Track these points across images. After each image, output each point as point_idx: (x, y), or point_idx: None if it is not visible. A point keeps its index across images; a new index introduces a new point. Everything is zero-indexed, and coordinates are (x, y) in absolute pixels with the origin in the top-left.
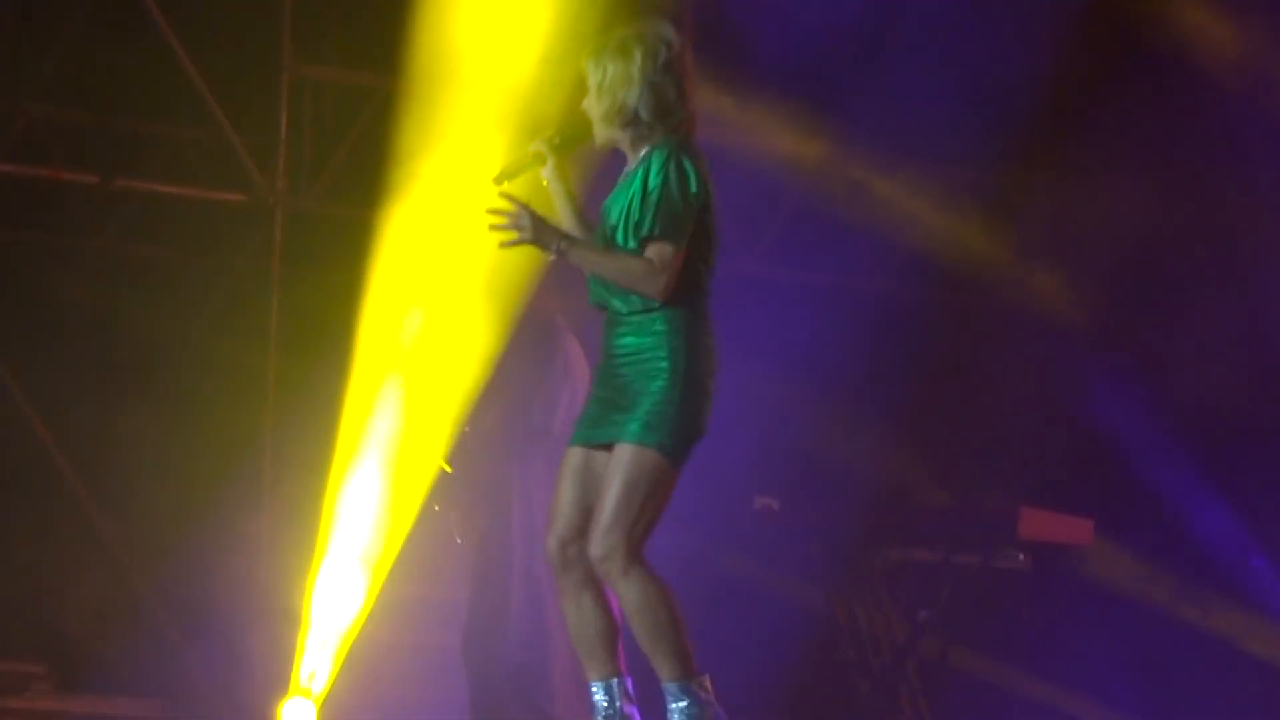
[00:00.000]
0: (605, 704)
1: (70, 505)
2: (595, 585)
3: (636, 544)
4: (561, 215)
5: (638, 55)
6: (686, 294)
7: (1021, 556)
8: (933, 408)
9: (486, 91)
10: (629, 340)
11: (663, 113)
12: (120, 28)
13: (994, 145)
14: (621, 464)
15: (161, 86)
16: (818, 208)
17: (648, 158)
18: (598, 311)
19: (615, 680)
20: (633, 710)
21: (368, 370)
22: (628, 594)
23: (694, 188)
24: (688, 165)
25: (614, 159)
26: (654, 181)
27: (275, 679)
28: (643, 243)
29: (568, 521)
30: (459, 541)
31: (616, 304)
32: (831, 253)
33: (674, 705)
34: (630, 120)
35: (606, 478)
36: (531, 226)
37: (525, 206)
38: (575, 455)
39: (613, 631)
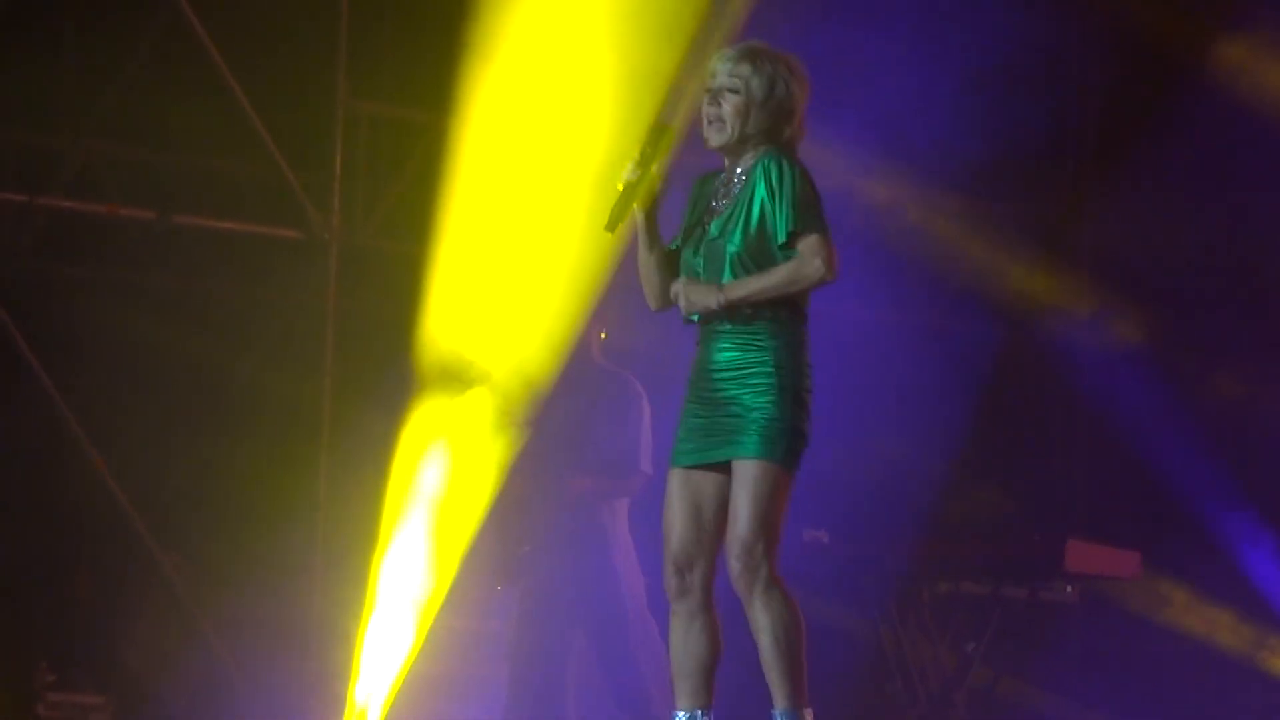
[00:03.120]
0: None
1: (129, 539)
2: (707, 613)
3: (775, 559)
4: (643, 235)
5: (804, 86)
6: (789, 308)
7: (1069, 589)
8: (983, 440)
9: (539, 128)
10: (732, 355)
11: (792, 138)
12: (178, 65)
13: (1045, 180)
14: (749, 479)
15: (218, 123)
16: (876, 244)
17: (754, 167)
18: (689, 324)
19: (702, 711)
20: None
21: (423, 404)
22: (768, 609)
23: (813, 185)
24: (801, 167)
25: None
26: (779, 183)
27: (331, 711)
28: (791, 238)
29: (682, 547)
30: (499, 588)
31: (724, 318)
32: (886, 287)
33: None
34: (769, 136)
35: (736, 495)
36: (685, 296)
37: (676, 282)
38: (679, 479)
39: (714, 662)
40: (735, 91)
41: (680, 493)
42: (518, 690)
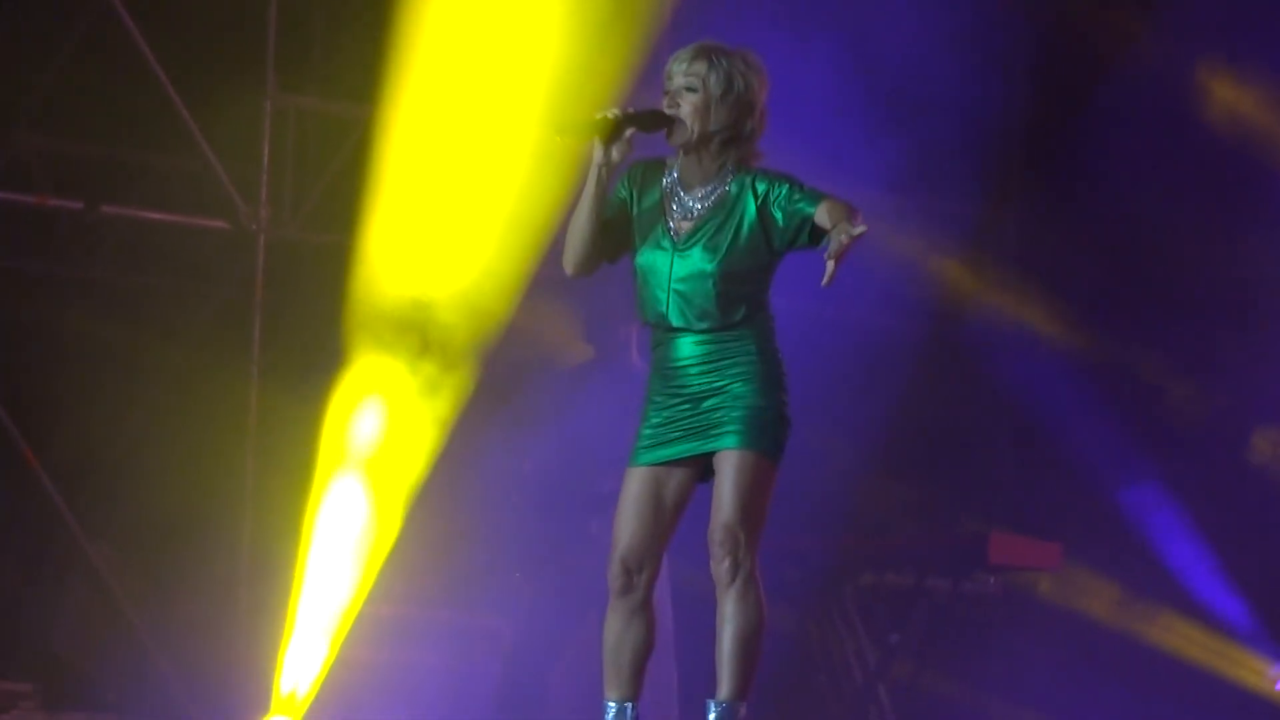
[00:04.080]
0: None
1: (57, 528)
2: (646, 610)
3: (757, 553)
4: (593, 188)
5: (761, 78)
6: (764, 307)
7: (991, 580)
8: (906, 432)
9: (467, 122)
10: (709, 348)
11: (754, 130)
12: (107, 56)
13: (969, 174)
14: (735, 470)
15: (147, 115)
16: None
17: (735, 191)
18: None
19: (631, 705)
20: None
21: (349, 395)
22: (741, 603)
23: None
24: (773, 171)
25: None
26: (778, 180)
27: (258, 696)
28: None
29: (633, 548)
30: (518, 575)
31: (700, 322)
32: (808, 281)
33: None
34: (731, 131)
35: (720, 484)
36: (854, 237)
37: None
38: (640, 478)
39: (647, 657)
40: (693, 90)
41: (641, 493)
42: (512, 680)
